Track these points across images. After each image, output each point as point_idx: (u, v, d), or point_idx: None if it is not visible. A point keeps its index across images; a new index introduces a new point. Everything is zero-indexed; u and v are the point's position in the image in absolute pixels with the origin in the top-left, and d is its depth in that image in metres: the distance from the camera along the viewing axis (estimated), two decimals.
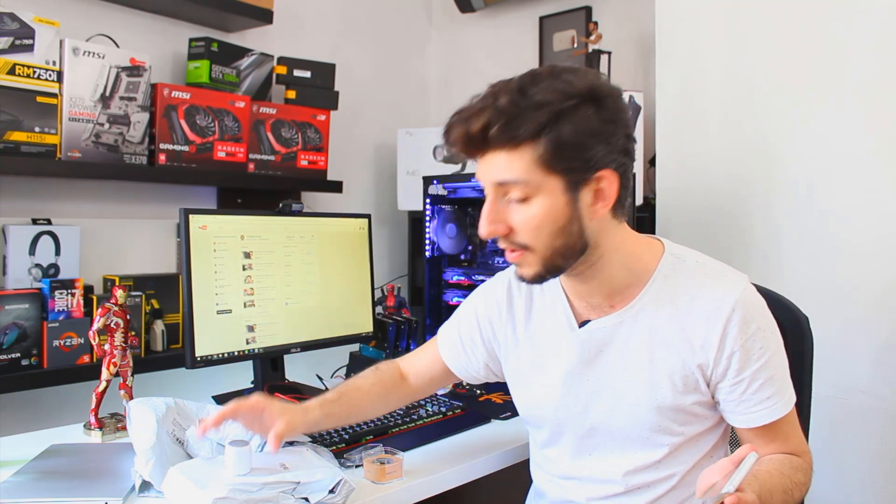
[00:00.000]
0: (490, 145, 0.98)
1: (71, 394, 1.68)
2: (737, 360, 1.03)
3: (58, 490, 1.12)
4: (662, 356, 1.06)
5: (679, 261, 1.10)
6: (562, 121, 0.95)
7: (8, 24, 1.55)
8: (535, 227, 1.00)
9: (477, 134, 0.98)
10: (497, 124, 0.96)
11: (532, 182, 0.98)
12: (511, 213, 1.01)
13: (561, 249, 1.01)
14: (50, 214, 1.74)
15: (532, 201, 0.99)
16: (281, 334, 1.66)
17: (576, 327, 1.13)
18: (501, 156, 0.98)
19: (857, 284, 1.52)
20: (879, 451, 1.49)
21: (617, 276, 1.08)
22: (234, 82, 1.98)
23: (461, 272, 2.04)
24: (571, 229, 1.00)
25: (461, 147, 1.01)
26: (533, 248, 1.01)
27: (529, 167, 0.97)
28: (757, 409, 1.05)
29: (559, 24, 2.41)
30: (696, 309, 1.05)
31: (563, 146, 0.95)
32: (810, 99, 1.59)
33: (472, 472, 1.32)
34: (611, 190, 1.01)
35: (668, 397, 1.06)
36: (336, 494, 1.04)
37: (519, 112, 0.95)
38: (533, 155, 0.96)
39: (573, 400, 1.13)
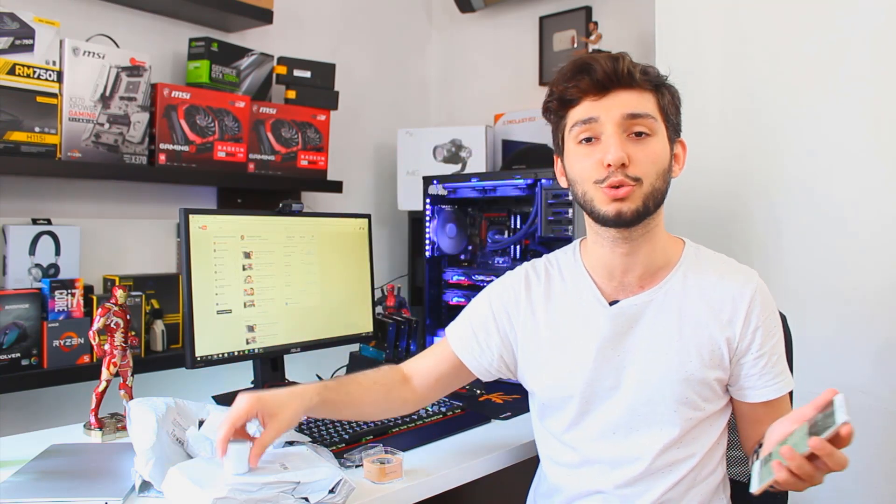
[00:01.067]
0: (627, 83, 1.11)
1: (71, 394, 1.68)
2: (760, 334, 1.15)
3: (58, 490, 1.12)
4: (691, 331, 1.16)
5: (699, 251, 1.23)
6: (670, 85, 1.17)
7: (8, 24, 1.55)
8: (653, 161, 1.11)
9: (623, 71, 1.10)
10: (639, 67, 1.12)
11: (657, 121, 1.12)
12: (630, 147, 1.10)
13: (658, 192, 1.12)
14: (50, 214, 1.74)
15: (651, 139, 1.11)
16: (281, 334, 1.66)
17: (606, 305, 1.19)
18: (633, 94, 1.11)
19: (857, 284, 1.52)
20: (879, 451, 1.49)
21: (656, 254, 1.18)
22: (234, 82, 1.98)
23: (461, 272, 2.04)
24: (668, 177, 1.15)
25: (597, 81, 1.10)
26: (643, 182, 1.10)
27: (655, 109, 1.13)
28: (774, 381, 1.16)
29: (559, 24, 2.41)
30: (722, 289, 1.17)
31: (674, 102, 1.16)
32: (810, 99, 1.59)
33: (472, 472, 1.32)
34: (683, 157, 1.20)
35: (695, 369, 1.14)
36: (336, 494, 1.04)
37: (650, 67, 1.14)
38: (659, 101, 1.13)
39: (604, 374, 1.17)
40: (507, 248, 2.03)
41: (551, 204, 1.81)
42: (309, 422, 1.42)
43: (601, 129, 1.11)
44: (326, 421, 1.43)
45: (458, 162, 2.33)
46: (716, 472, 1.20)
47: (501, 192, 1.95)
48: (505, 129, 2.42)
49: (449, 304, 2.08)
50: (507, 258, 2.02)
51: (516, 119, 2.40)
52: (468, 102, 2.70)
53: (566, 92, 1.13)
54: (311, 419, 1.44)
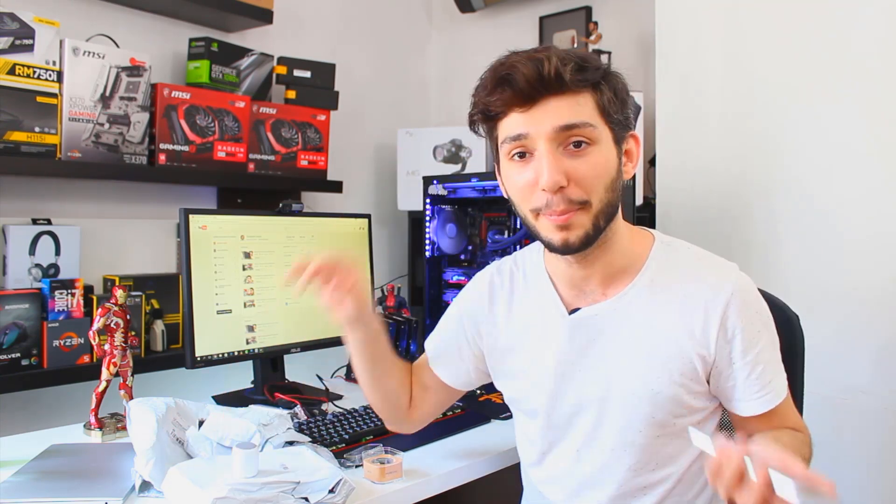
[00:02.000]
0: (557, 89, 0.97)
1: (71, 394, 1.68)
2: (739, 343, 1.02)
3: (58, 490, 1.12)
4: (659, 344, 1.04)
5: (670, 248, 1.10)
6: (611, 76, 1.01)
7: (8, 24, 1.55)
8: (595, 176, 0.98)
9: (550, 74, 0.96)
10: (570, 65, 0.96)
11: (597, 127, 0.98)
12: (568, 164, 0.98)
13: (607, 207, 1.00)
14: (50, 214, 1.74)
15: (592, 150, 0.98)
16: (281, 334, 1.66)
17: (566, 314, 1.09)
18: (566, 101, 0.97)
19: (857, 284, 1.52)
20: (879, 450, 1.49)
21: (617, 260, 1.07)
22: (234, 82, 1.98)
23: (461, 272, 2.04)
24: (617, 185, 1.02)
25: (522, 88, 0.97)
26: (590, 202, 0.99)
27: (593, 112, 0.99)
28: (761, 393, 1.03)
29: (559, 24, 2.41)
30: (693, 296, 1.03)
31: (617, 97, 1.00)
32: (810, 98, 1.59)
33: (472, 472, 1.32)
34: (636, 151, 1.06)
35: (664, 386, 1.03)
36: (336, 494, 1.04)
37: (582, 61, 0.98)
38: (596, 101, 0.99)
39: (565, 389, 1.09)
40: (507, 248, 2.03)
41: None
42: (309, 422, 1.42)
43: (533, 146, 0.99)
44: (326, 421, 1.43)
45: (458, 162, 2.33)
46: (705, 492, 1.10)
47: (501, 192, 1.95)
48: None
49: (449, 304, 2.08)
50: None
51: None
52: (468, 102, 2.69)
53: (489, 105, 1.02)
54: (310, 419, 1.44)
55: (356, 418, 1.46)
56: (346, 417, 1.46)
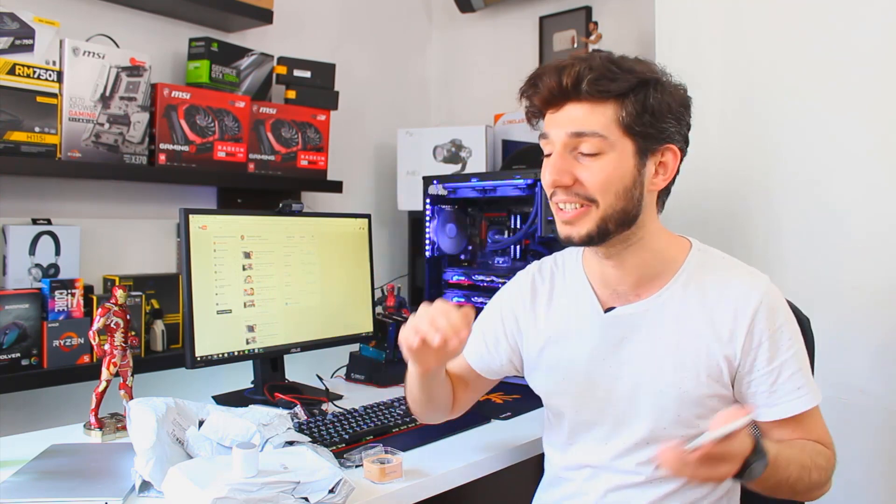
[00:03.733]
0: (576, 96, 1.03)
1: (71, 394, 1.68)
2: (766, 350, 1.06)
3: (58, 490, 1.12)
4: (688, 346, 1.09)
5: (706, 255, 1.15)
6: (650, 88, 1.04)
7: (8, 24, 1.55)
8: (604, 181, 1.03)
9: (569, 83, 1.02)
10: (590, 76, 1.01)
11: (609, 138, 1.03)
12: (578, 167, 1.05)
13: (620, 212, 1.05)
14: (50, 214, 1.74)
15: (603, 157, 1.03)
16: (281, 334, 1.66)
17: (601, 312, 1.15)
18: (583, 108, 1.03)
19: (857, 283, 1.52)
20: (879, 450, 1.49)
21: (649, 263, 1.12)
22: (234, 82, 1.98)
23: (461, 272, 2.04)
24: (633, 194, 1.05)
25: (546, 96, 1.05)
26: (597, 204, 1.04)
27: (609, 124, 1.03)
28: (787, 398, 1.07)
29: (559, 24, 2.41)
30: (724, 301, 1.08)
31: (646, 111, 1.03)
32: (810, 98, 1.59)
33: (472, 472, 1.32)
34: (673, 165, 1.09)
35: (691, 387, 1.08)
36: (336, 494, 1.04)
37: (612, 72, 1.02)
38: (616, 113, 1.03)
39: (596, 384, 1.14)
40: (507, 248, 2.03)
41: None
42: (309, 422, 1.42)
43: (552, 147, 1.07)
44: (326, 421, 1.43)
45: (458, 162, 2.33)
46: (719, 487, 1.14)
47: (501, 192, 1.95)
48: (505, 129, 2.42)
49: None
50: (507, 258, 2.02)
51: (516, 119, 2.40)
52: (468, 102, 2.70)
53: (529, 105, 1.10)
54: (310, 419, 1.44)
55: (356, 418, 1.46)
56: (346, 417, 1.46)
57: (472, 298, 2.01)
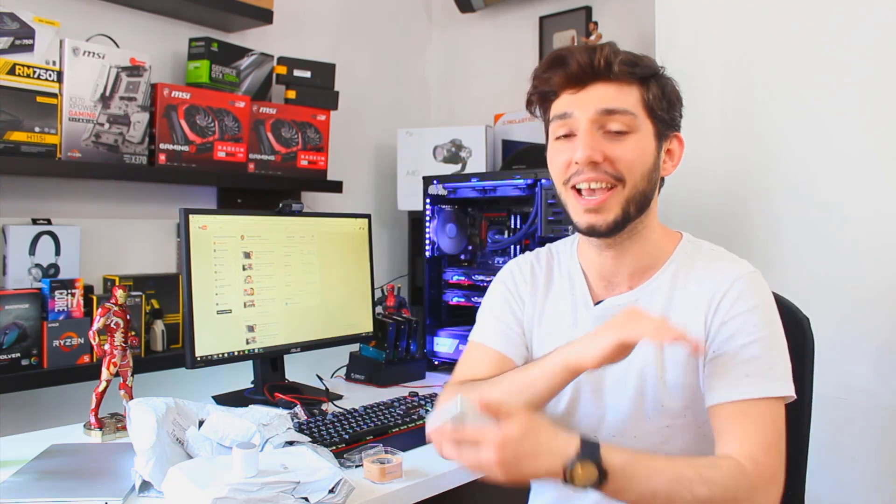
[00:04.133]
0: (605, 76, 1.05)
1: (71, 394, 1.68)
2: (727, 329, 1.02)
3: (58, 490, 1.12)
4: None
5: (695, 247, 1.15)
6: (664, 77, 1.09)
7: (8, 24, 1.55)
8: (633, 160, 1.04)
9: (600, 63, 1.04)
10: (620, 57, 1.04)
11: (638, 117, 1.05)
12: (608, 145, 1.04)
13: (641, 194, 1.06)
14: (50, 214, 1.74)
15: (631, 136, 1.04)
16: (281, 334, 1.66)
17: (591, 305, 1.15)
18: (611, 87, 1.05)
19: (857, 283, 1.52)
20: (880, 450, 1.49)
21: (646, 254, 1.12)
22: (234, 82, 1.98)
23: (461, 272, 2.04)
24: (653, 176, 1.08)
25: (573, 74, 1.05)
26: (625, 182, 1.04)
27: (637, 103, 1.05)
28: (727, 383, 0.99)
29: (559, 24, 2.41)
30: (704, 288, 1.08)
31: (666, 96, 1.07)
32: (810, 98, 1.59)
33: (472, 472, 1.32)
34: (679, 153, 1.12)
35: (677, 377, 1.07)
36: (336, 494, 1.04)
37: (634, 57, 1.06)
38: (642, 94, 1.06)
39: (586, 378, 1.11)
40: (507, 248, 2.03)
41: (551, 204, 1.81)
42: (309, 422, 1.42)
43: (576, 126, 1.05)
44: (326, 421, 1.43)
45: (458, 162, 2.33)
46: None
47: (501, 192, 1.95)
48: (505, 129, 2.42)
49: (449, 304, 2.08)
50: (507, 258, 2.02)
51: (516, 119, 2.40)
52: (468, 102, 2.70)
53: (544, 84, 1.09)
54: (310, 419, 1.44)
55: (356, 418, 1.46)
56: (346, 417, 1.46)
57: (472, 298, 2.02)
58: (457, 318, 2.09)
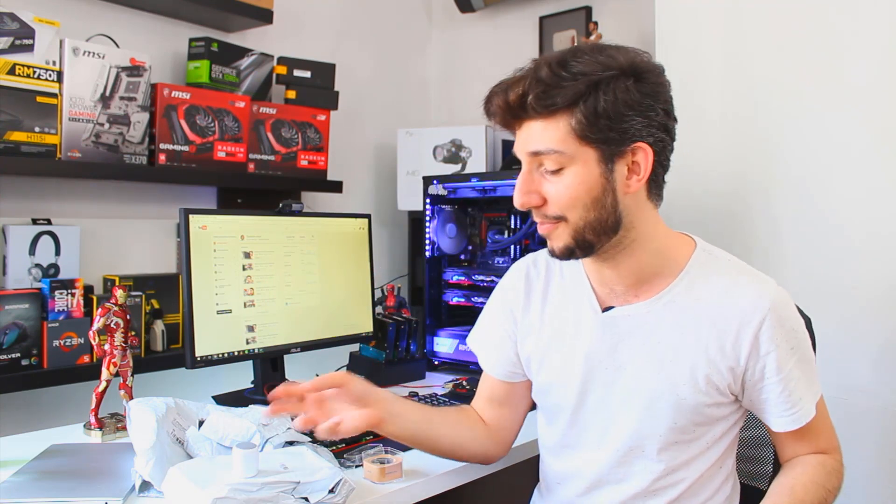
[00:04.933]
0: (527, 114, 1.00)
1: (71, 394, 1.68)
2: (773, 360, 1.03)
3: (58, 490, 1.12)
4: (688, 352, 1.05)
5: (710, 257, 1.10)
6: (599, 91, 0.96)
7: (8, 24, 1.55)
8: (569, 197, 1.00)
9: (515, 102, 0.99)
10: (534, 93, 0.97)
11: (566, 152, 0.98)
12: (545, 183, 1.02)
13: (594, 223, 1.01)
14: (50, 214, 1.74)
15: (565, 172, 1.00)
16: (281, 334, 1.66)
17: (599, 311, 1.11)
18: (537, 125, 0.99)
19: (857, 284, 1.52)
20: (880, 451, 1.49)
21: (647, 263, 1.07)
22: (234, 82, 1.98)
23: (461, 272, 2.04)
24: (605, 202, 1.00)
25: (500, 117, 1.03)
26: (566, 220, 1.02)
27: (564, 137, 0.98)
28: (791, 412, 1.05)
29: (559, 24, 2.41)
30: (730, 308, 1.04)
31: (600, 116, 0.96)
32: (811, 98, 1.59)
33: (472, 472, 1.32)
34: (646, 164, 1.00)
35: (688, 394, 1.04)
36: (336, 494, 1.04)
37: (557, 82, 0.96)
38: (568, 125, 0.97)
39: (593, 386, 1.10)
40: (507, 248, 2.03)
41: None
42: None
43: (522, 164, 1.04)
44: None
45: (458, 162, 2.33)
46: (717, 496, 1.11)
47: (501, 192, 1.95)
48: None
49: (449, 304, 2.08)
50: (507, 258, 2.02)
51: None
52: (468, 102, 2.69)
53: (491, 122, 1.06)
54: None
55: None
56: None
57: (472, 298, 2.02)
58: (457, 318, 2.09)
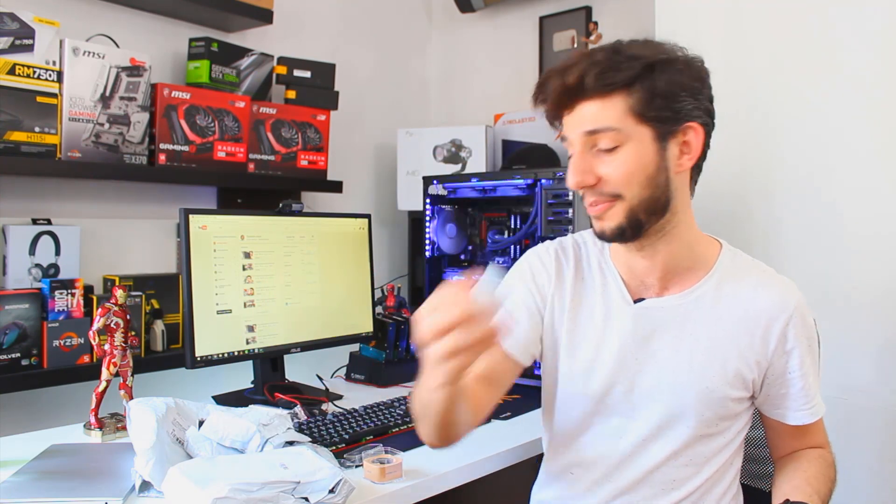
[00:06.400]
0: (584, 95, 1.02)
1: (71, 394, 1.68)
2: (797, 356, 1.09)
3: (58, 490, 1.12)
4: (719, 346, 1.09)
5: (736, 257, 1.16)
6: (655, 72, 1.01)
7: (8, 24, 1.55)
8: (625, 173, 1.02)
9: (573, 83, 1.01)
10: (593, 73, 1.00)
11: (623, 130, 1.01)
12: (600, 163, 1.03)
13: (648, 201, 1.03)
14: (50, 214, 1.74)
15: (621, 150, 1.02)
16: (281, 334, 1.66)
17: (631, 302, 1.13)
18: (594, 105, 1.01)
19: (857, 284, 1.52)
20: (880, 451, 1.49)
21: (679, 256, 1.11)
22: (234, 82, 1.98)
23: (461, 272, 2.04)
24: (659, 180, 1.03)
25: (555, 99, 1.04)
26: (622, 197, 1.03)
27: (622, 115, 1.01)
28: (808, 405, 1.12)
29: (559, 24, 2.41)
30: (758, 304, 1.09)
31: (656, 95, 1.00)
32: (811, 98, 1.59)
33: (472, 472, 1.32)
34: (697, 143, 1.05)
35: (717, 385, 1.08)
36: (336, 494, 1.04)
37: (614, 63, 1.00)
38: (626, 103, 1.00)
39: (621, 377, 1.11)
40: (507, 248, 2.03)
41: (551, 204, 1.81)
42: (309, 422, 1.42)
43: (572, 147, 1.05)
44: (326, 421, 1.43)
45: (458, 162, 2.33)
46: (727, 495, 1.14)
47: (501, 192, 1.95)
48: (505, 129, 2.42)
49: None
50: (507, 258, 2.02)
51: (516, 119, 2.40)
52: (468, 102, 2.70)
53: (546, 112, 1.08)
54: (310, 419, 1.44)
55: (356, 418, 1.46)
56: (346, 417, 1.46)
57: None
58: None
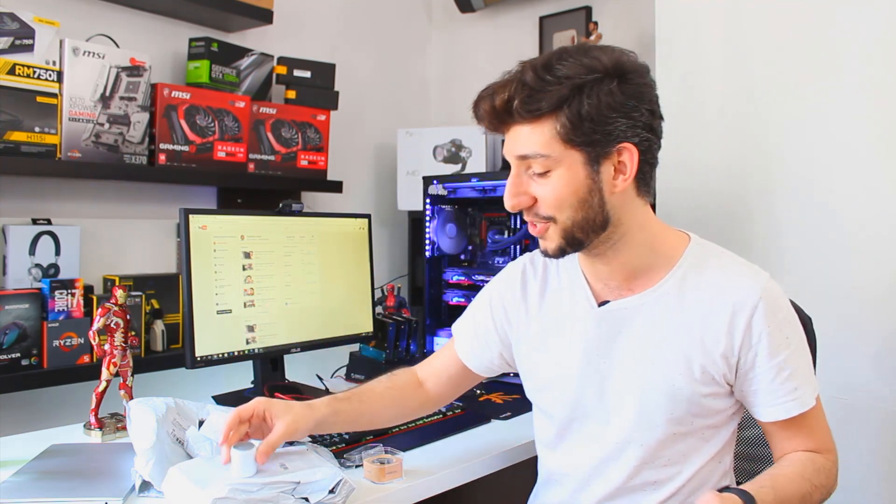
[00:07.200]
0: (513, 119, 1.02)
1: (71, 394, 1.68)
2: (765, 347, 1.04)
3: (58, 490, 1.12)
4: (682, 342, 1.07)
5: (704, 250, 1.13)
6: (583, 94, 0.98)
7: (8, 24, 1.55)
8: (556, 198, 1.02)
9: (500, 108, 1.01)
10: (519, 98, 0.99)
11: (552, 155, 1.01)
12: (534, 185, 1.04)
13: (581, 222, 1.03)
14: (50, 214, 1.74)
15: (552, 174, 1.02)
16: (281, 334, 1.66)
17: (595, 305, 1.13)
18: (524, 129, 1.01)
19: (857, 283, 1.52)
20: (880, 451, 1.49)
21: (639, 257, 1.09)
22: (234, 82, 1.98)
23: (461, 272, 2.04)
24: (592, 202, 1.03)
25: (487, 121, 1.05)
26: (555, 220, 1.04)
27: (550, 141, 1.00)
28: (785, 399, 1.05)
29: (559, 24, 2.41)
30: (721, 298, 1.06)
31: (584, 119, 0.98)
32: (810, 98, 1.59)
33: (472, 472, 1.32)
34: (631, 164, 1.02)
35: (684, 384, 1.06)
36: (336, 494, 1.04)
37: (542, 86, 0.98)
38: (553, 128, 0.99)
39: (589, 382, 1.12)
40: (507, 248, 2.03)
41: None
42: None
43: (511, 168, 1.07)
44: None
45: (458, 162, 2.33)
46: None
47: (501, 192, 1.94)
48: None
49: (449, 304, 2.08)
50: (507, 258, 2.02)
51: None
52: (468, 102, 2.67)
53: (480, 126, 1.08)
54: None
55: None
56: None
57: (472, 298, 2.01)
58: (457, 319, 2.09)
